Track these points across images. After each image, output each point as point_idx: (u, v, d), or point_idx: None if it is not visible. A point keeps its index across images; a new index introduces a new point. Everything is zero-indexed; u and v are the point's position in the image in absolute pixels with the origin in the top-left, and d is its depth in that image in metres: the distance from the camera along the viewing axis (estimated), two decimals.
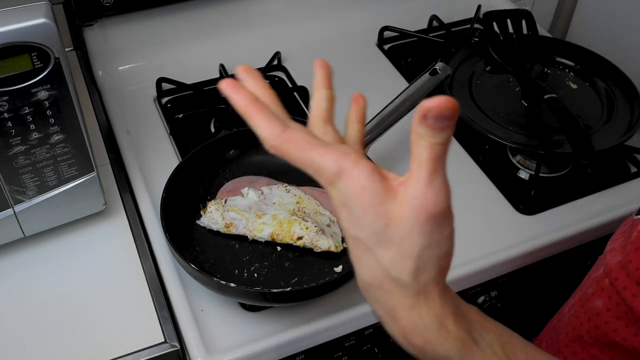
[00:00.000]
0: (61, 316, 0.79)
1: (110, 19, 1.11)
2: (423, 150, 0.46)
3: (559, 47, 1.14)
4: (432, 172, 0.45)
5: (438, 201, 0.45)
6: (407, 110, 0.93)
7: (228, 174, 0.91)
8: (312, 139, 0.48)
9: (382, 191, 0.46)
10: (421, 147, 0.47)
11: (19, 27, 0.67)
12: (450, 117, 0.44)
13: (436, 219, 0.45)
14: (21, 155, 0.74)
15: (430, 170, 0.45)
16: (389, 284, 0.48)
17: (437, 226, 0.45)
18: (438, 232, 0.45)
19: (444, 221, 0.46)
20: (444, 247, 0.46)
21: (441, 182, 0.45)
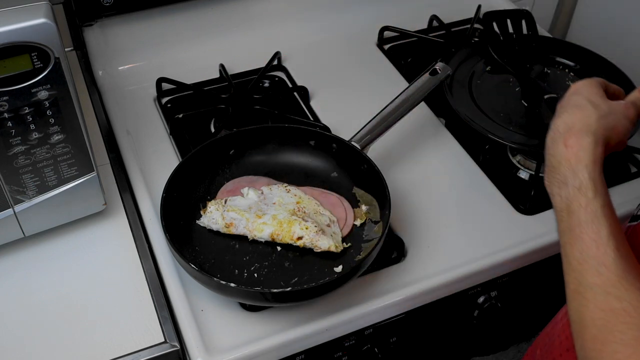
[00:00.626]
0: (61, 316, 0.79)
1: (110, 19, 1.11)
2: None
3: (559, 47, 1.14)
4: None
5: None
6: (407, 110, 0.93)
7: (228, 174, 0.91)
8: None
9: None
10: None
11: (19, 27, 0.67)
12: None
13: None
14: (21, 155, 0.74)
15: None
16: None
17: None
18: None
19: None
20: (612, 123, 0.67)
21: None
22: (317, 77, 1.12)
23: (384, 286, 0.83)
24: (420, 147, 1.02)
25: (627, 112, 0.70)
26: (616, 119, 0.68)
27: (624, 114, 0.69)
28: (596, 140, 0.64)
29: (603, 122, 0.66)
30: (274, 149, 0.93)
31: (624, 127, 0.68)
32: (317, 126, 1.00)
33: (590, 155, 0.63)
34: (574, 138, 0.65)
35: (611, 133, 0.66)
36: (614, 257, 0.58)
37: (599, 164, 0.64)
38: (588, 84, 0.73)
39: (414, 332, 0.91)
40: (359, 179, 0.89)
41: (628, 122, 0.69)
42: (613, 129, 0.67)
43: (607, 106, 0.68)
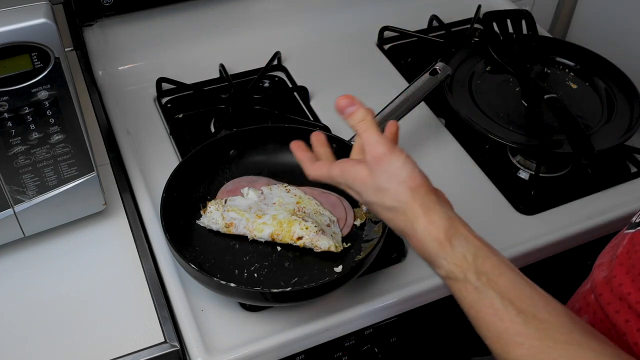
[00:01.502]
0: (61, 316, 0.79)
1: (110, 19, 1.11)
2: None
3: (559, 47, 1.14)
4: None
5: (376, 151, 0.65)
6: (407, 110, 0.93)
7: (228, 174, 0.91)
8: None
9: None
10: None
11: (19, 27, 0.67)
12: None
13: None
14: (21, 155, 0.74)
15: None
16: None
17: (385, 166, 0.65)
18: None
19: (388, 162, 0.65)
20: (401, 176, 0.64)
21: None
22: (317, 77, 1.12)
23: (384, 286, 0.83)
24: (420, 147, 1.02)
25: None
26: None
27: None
28: (427, 212, 0.61)
29: (405, 187, 0.63)
30: (274, 149, 0.93)
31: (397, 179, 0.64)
32: (317, 126, 1.00)
33: (436, 234, 0.60)
34: (411, 228, 0.62)
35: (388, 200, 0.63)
36: (522, 322, 0.55)
37: (452, 228, 0.60)
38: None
39: (414, 332, 0.91)
40: None
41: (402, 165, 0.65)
42: (411, 182, 0.63)
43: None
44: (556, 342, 0.53)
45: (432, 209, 0.62)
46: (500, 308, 0.56)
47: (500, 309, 0.56)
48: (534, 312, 0.55)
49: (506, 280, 0.58)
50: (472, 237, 0.61)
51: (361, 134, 0.66)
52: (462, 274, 0.59)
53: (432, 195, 0.63)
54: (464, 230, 0.61)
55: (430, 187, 0.64)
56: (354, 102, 0.68)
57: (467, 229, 0.61)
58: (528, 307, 0.56)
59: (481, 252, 0.59)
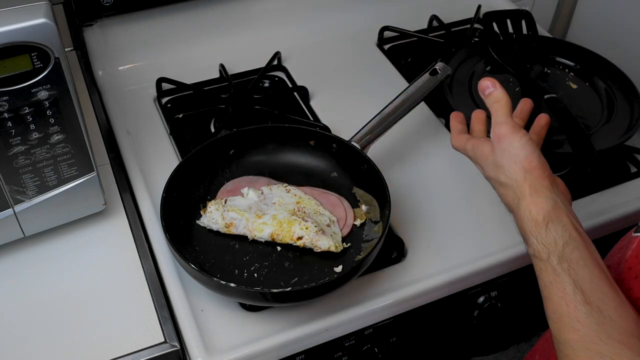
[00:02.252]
0: (61, 316, 0.79)
1: (110, 19, 1.11)
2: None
3: (559, 47, 1.14)
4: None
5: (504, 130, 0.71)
6: (407, 110, 0.92)
7: (228, 174, 0.91)
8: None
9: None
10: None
11: (19, 27, 0.67)
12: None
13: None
14: (21, 155, 0.74)
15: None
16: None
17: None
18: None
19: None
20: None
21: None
22: (317, 77, 1.12)
23: (384, 286, 0.83)
24: (420, 147, 1.02)
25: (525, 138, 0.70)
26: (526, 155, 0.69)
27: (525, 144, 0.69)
28: (533, 194, 0.66)
29: (519, 167, 0.68)
30: (274, 149, 0.93)
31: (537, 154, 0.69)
32: (317, 126, 1.00)
33: (535, 216, 0.64)
34: (517, 205, 0.67)
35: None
36: (585, 312, 0.57)
37: (553, 214, 0.64)
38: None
39: (414, 332, 0.91)
40: (359, 179, 0.89)
41: (533, 145, 0.70)
42: (526, 164, 0.68)
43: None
44: (610, 338, 0.55)
45: (540, 192, 0.66)
46: (570, 294, 0.59)
47: (570, 295, 0.59)
48: (601, 307, 0.57)
49: (587, 273, 0.60)
50: (571, 226, 0.63)
51: (493, 113, 0.72)
52: (547, 255, 0.62)
53: (546, 180, 0.67)
54: (565, 219, 0.64)
55: (546, 172, 0.68)
56: (495, 85, 0.73)
57: (569, 219, 0.64)
58: (597, 302, 0.58)
59: (573, 242, 0.62)
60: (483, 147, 0.73)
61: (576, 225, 0.64)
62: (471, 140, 0.77)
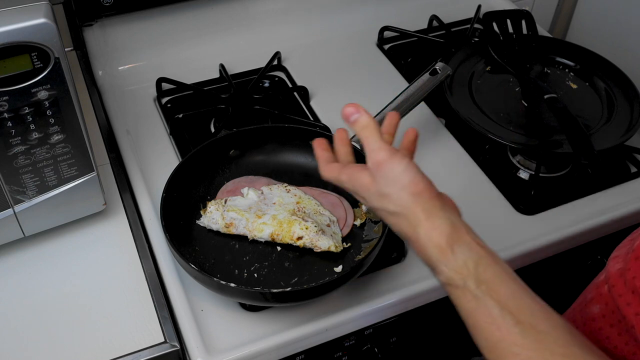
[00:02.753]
0: (61, 316, 0.79)
1: (110, 19, 1.11)
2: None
3: (559, 47, 1.14)
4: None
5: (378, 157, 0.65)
6: (407, 110, 0.93)
7: (228, 174, 0.91)
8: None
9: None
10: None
11: (19, 27, 0.67)
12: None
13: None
14: (21, 155, 0.74)
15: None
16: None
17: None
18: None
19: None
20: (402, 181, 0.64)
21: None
22: (317, 77, 1.12)
23: (384, 286, 0.83)
24: (420, 147, 1.01)
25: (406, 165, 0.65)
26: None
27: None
28: (430, 217, 0.61)
29: (407, 192, 0.63)
30: (274, 149, 0.93)
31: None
32: (317, 126, 1.00)
33: (438, 240, 0.60)
34: (414, 233, 0.62)
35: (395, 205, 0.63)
36: (519, 332, 0.54)
37: (455, 234, 0.60)
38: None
39: (414, 332, 0.91)
40: None
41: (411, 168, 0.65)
42: (413, 188, 0.63)
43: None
44: (553, 355, 0.53)
45: (435, 215, 0.62)
46: (498, 317, 0.56)
47: (498, 319, 0.56)
48: (532, 323, 0.55)
49: (506, 290, 0.58)
50: (475, 244, 0.60)
51: (364, 141, 0.67)
52: (462, 281, 0.58)
53: (436, 200, 0.63)
54: (467, 238, 0.61)
55: (434, 192, 0.64)
56: (359, 110, 0.68)
57: (470, 236, 0.61)
58: (527, 318, 0.55)
59: (483, 261, 0.59)
60: (361, 177, 0.66)
61: (479, 241, 0.61)
62: (345, 170, 0.69)
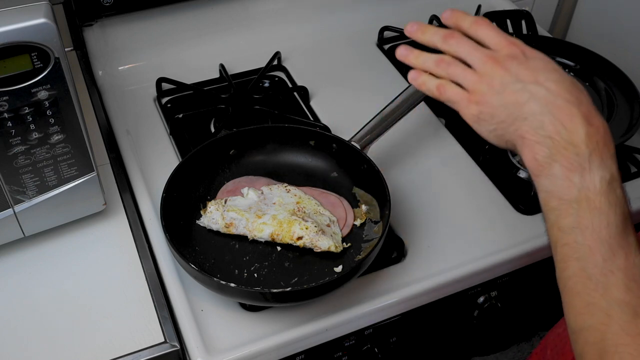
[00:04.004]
0: (61, 316, 0.79)
1: (110, 19, 1.11)
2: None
3: (559, 47, 1.14)
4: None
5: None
6: (407, 110, 0.92)
7: (228, 174, 0.91)
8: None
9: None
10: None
11: (19, 27, 0.67)
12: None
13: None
14: (21, 155, 0.74)
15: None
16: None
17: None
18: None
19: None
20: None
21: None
22: (317, 77, 1.12)
23: (384, 286, 0.83)
24: (420, 147, 1.02)
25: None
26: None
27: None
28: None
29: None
30: (274, 149, 0.93)
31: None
32: (317, 126, 1.00)
33: (613, 144, 0.53)
34: (597, 118, 0.53)
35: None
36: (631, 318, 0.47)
37: (597, 148, 0.52)
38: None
39: (414, 332, 0.91)
40: (359, 179, 0.89)
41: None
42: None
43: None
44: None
45: (594, 121, 0.54)
46: (633, 245, 0.49)
47: (633, 247, 0.49)
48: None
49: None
50: (615, 168, 0.53)
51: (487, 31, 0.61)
52: (622, 192, 0.51)
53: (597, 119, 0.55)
54: (610, 159, 0.53)
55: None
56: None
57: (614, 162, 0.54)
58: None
59: (616, 184, 0.52)
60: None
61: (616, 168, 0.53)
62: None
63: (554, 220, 0.52)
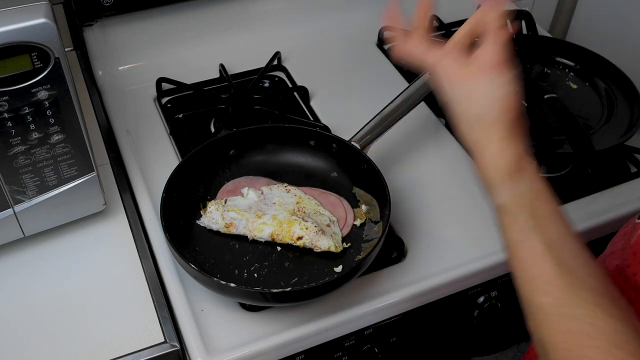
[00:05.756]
0: (61, 316, 0.79)
1: (110, 19, 1.11)
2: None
3: (559, 47, 1.14)
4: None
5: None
6: (407, 110, 0.92)
7: (228, 174, 0.91)
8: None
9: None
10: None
11: (19, 27, 0.67)
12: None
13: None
14: (21, 155, 0.74)
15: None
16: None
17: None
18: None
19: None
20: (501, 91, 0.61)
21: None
22: (317, 77, 1.12)
23: (384, 286, 0.83)
24: (420, 147, 1.02)
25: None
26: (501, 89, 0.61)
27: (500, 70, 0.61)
28: (504, 139, 0.59)
29: (498, 106, 0.60)
30: (274, 149, 0.93)
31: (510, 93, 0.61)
32: (317, 126, 1.00)
33: (504, 165, 0.59)
34: (482, 147, 0.60)
35: (508, 111, 0.60)
36: (557, 274, 0.54)
37: (520, 164, 0.59)
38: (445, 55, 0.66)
39: (414, 332, 0.91)
40: (359, 179, 0.89)
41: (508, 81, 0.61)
42: (505, 104, 0.60)
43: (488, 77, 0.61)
44: (582, 300, 0.53)
45: (508, 139, 0.60)
46: (540, 254, 0.55)
47: (540, 256, 0.55)
48: (572, 267, 0.55)
49: (556, 230, 0.57)
50: (536, 179, 0.59)
51: (495, 30, 0.64)
52: (515, 211, 0.58)
53: (516, 125, 0.61)
54: (530, 171, 0.60)
55: (517, 115, 0.62)
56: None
57: (533, 170, 0.60)
58: (568, 261, 0.55)
59: (541, 196, 0.58)
60: (457, 69, 0.64)
61: (539, 178, 0.60)
62: (434, 53, 0.68)
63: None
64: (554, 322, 0.53)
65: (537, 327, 0.55)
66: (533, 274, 0.56)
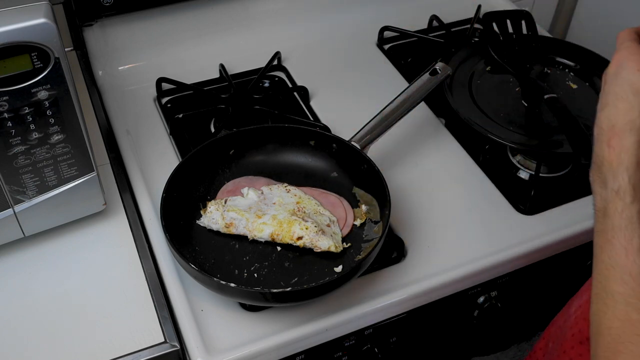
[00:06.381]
0: (61, 316, 0.79)
1: (110, 19, 1.11)
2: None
3: (559, 47, 1.14)
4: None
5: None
6: (407, 110, 0.93)
7: (228, 174, 0.91)
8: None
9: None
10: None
11: (19, 27, 0.67)
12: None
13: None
14: (21, 155, 0.74)
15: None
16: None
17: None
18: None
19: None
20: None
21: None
22: (317, 77, 1.12)
23: (384, 286, 0.83)
24: (420, 147, 1.02)
25: None
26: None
27: None
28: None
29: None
30: (274, 149, 0.93)
31: None
32: (317, 126, 1.00)
33: (633, 157, 0.59)
34: (616, 138, 0.60)
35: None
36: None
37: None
38: (628, 58, 0.63)
39: (414, 332, 0.91)
40: (359, 179, 0.89)
41: None
42: None
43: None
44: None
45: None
46: (634, 246, 0.57)
47: (634, 247, 0.56)
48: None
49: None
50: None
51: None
52: (631, 198, 0.58)
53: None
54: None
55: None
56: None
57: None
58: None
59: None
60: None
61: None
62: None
63: (594, 225, 0.62)
64: (618, 309, 0.55)
65: (600, 310, 0.57)
66: (619, 262, 0.57)
